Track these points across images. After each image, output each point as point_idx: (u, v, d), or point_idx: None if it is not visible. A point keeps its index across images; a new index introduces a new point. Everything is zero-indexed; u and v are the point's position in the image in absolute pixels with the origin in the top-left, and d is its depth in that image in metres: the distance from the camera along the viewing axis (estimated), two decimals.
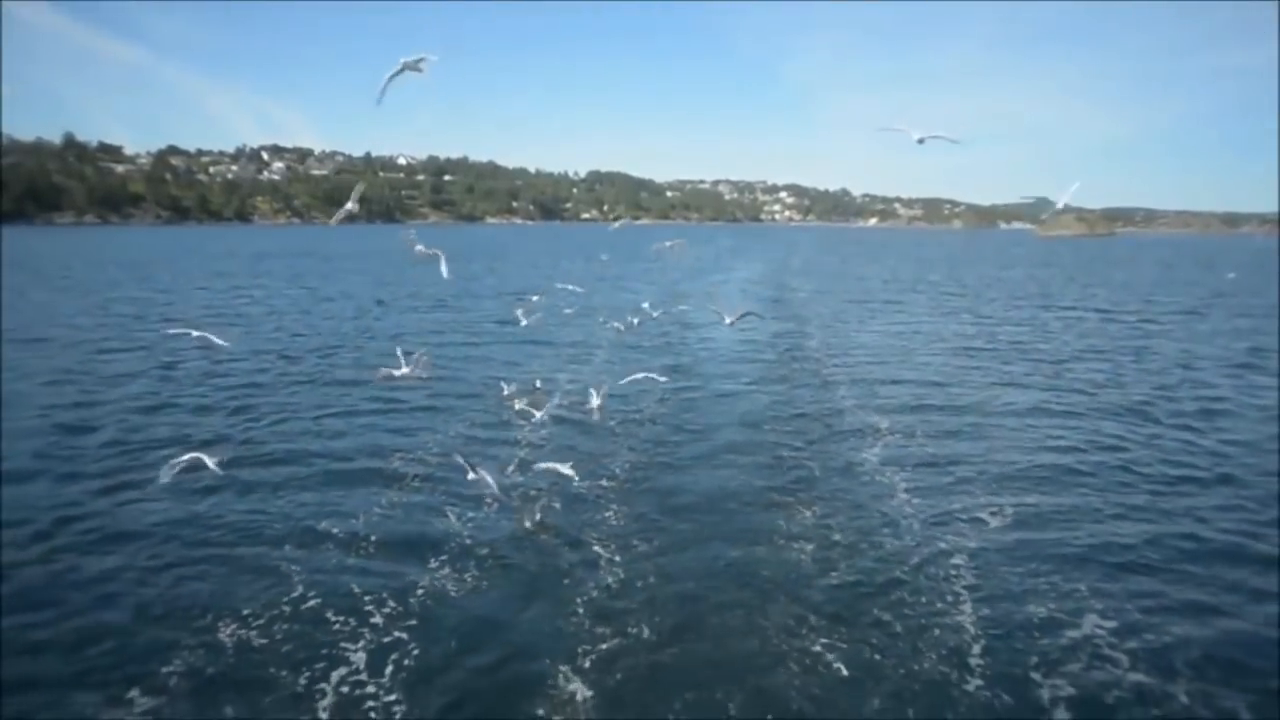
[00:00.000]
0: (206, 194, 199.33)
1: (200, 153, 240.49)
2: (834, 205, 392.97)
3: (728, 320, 16.63)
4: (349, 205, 12.19)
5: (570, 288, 26.23)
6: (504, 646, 8.36)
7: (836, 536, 11.19)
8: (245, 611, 8.88)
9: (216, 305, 37.60)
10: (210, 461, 8.58)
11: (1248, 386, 21.67)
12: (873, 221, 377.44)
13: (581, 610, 9.11)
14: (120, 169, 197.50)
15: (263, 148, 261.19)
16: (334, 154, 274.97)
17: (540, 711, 7.32)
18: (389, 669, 7.83)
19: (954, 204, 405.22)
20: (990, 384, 21.72)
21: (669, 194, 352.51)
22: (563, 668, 7.97)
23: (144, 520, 11.35)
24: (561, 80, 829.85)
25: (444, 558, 10.26)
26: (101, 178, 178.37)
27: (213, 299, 40.29)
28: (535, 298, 19.39)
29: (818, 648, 8.39)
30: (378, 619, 8.76)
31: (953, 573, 10.05)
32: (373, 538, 10.78)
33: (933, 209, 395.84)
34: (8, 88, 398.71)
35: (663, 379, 15.00)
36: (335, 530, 11.05)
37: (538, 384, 18.08)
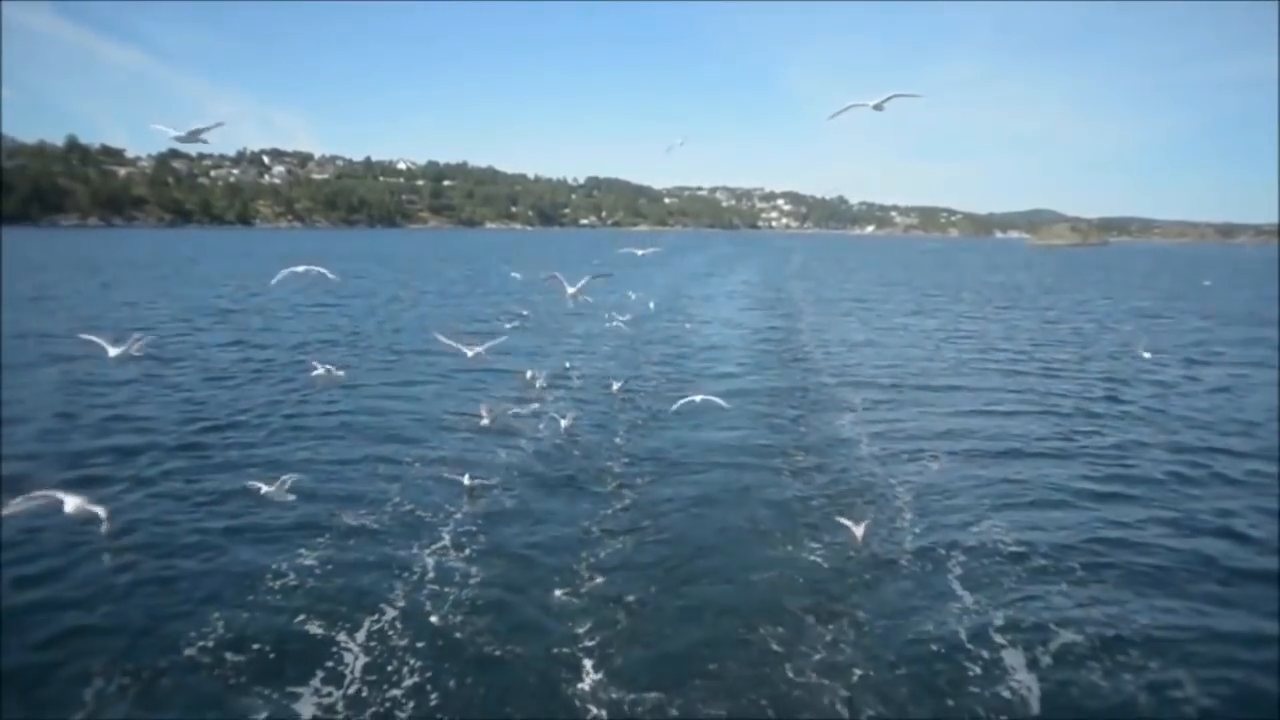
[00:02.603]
0: (209, 197, 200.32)
1: (201, 157, 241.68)
2: (831, 213, 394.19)
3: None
4: None
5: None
6: (522, 566, 10.18)
7: (813, 471, 13.89)
8: (276, 565, 9.85)
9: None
10: None
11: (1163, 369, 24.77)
12: (869, 229, 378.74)
13: (594, 529, 11.28)
14: (122, 172, 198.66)
15: (263, 152, 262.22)
16: (334, 158, 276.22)
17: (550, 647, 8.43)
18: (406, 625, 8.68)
19: (951, 212, 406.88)
20: (949, 363, 25.02)
21: (667, 200, 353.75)
22: (575, 570, 9.98)
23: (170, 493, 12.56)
24: (559, 86, 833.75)
25: (481, 485, 12.60)
26: (104, 180, 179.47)
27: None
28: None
29: (793, 554, 10.59)
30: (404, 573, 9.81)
31: (898, 497, 12.77)
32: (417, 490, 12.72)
33: (929, 217, 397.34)
34: (8, 90, 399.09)
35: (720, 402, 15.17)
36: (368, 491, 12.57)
37: (567, 364, 20.95)
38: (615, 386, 19.28)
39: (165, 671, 7.75)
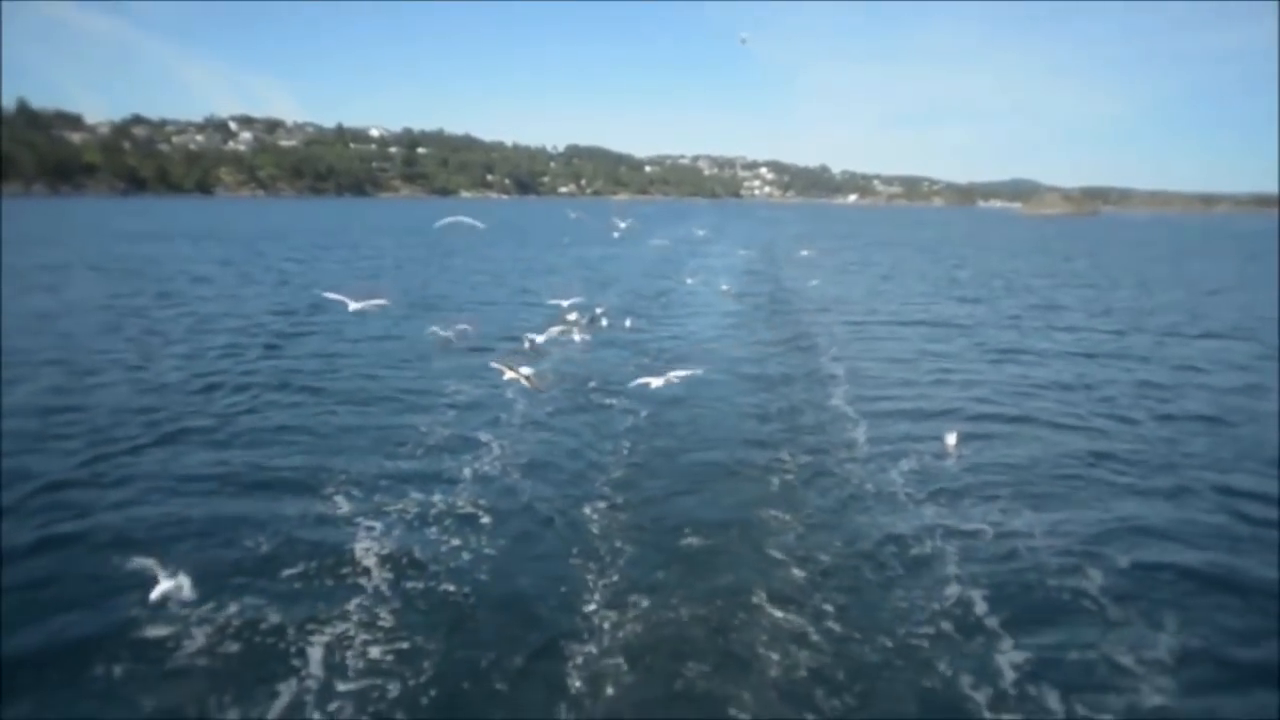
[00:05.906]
0: (166, 164, 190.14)
1: (165, 122, 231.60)
2: (813, 182, 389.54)
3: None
4: None
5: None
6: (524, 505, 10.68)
7: (797, 421, 14.64)
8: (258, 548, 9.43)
9: None
10: None
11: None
12: (852, 198, 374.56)
13: (597, 478, 11.76)
14: (77, 138, 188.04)
15: (232, 118, 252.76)
16: (305, 125, 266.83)
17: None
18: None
19: (933, 182, 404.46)
20: (928, 322, 27.13)
21: (648, 169, 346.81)
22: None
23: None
24: (540, 54, 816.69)
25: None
26: (54, 146, 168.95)
27: None
28: None
29: (773, 518, 10.50)
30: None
31: (847, 435, 13.77)
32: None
33: (912, 186, 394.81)
34: None
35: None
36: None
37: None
38: (628, 323, 22.30)
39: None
